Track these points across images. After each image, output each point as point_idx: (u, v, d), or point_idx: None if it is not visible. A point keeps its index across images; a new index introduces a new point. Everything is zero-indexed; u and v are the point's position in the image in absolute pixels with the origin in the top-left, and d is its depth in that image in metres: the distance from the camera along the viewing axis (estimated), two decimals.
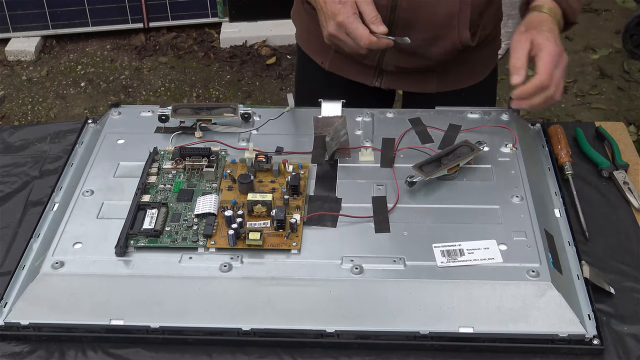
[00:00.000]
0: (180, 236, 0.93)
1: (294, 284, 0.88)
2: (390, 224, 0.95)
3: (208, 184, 1.01)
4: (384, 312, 0.86)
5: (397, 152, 1.07)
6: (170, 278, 0.89)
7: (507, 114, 1.14)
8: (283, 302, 0.87)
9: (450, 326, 0.85)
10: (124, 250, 0.91)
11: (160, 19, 3.28)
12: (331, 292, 0.87)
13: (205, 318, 0.87)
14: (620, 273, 0.97)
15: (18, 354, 0.88)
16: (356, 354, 0.87)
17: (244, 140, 1.10)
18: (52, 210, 1.02)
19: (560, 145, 1.13)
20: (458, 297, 0.87)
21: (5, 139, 1.25)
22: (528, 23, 1.07)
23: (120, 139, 1.11)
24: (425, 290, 0.87)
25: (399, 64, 1.25)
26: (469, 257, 0.90)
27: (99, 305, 0.87)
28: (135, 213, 0.95)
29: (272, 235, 0.93)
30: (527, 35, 1.04)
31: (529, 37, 1.04)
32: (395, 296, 0.87)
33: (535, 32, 1.04)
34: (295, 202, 0.98)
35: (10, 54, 3.20)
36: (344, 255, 0.91)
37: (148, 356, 0.87)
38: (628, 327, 0.90)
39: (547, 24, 1.06)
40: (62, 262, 0.90)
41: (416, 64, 1.25)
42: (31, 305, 0.88)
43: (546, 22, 1.07)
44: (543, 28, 1.05)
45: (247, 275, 0.89)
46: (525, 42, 1.03)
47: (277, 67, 3.12)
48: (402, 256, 0.90)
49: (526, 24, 1.07)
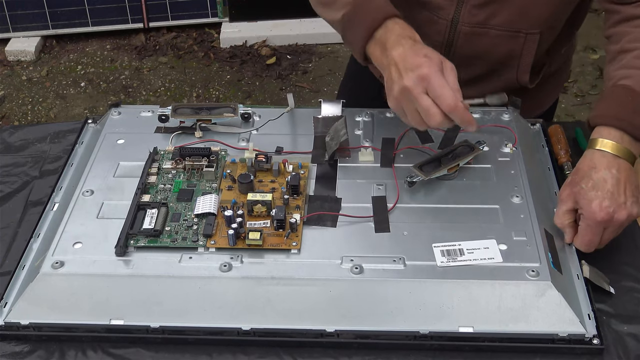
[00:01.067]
0: (180, 236, 0.93)
1: (293, 284, 0.88)
2: (390, 223, 0.95)
3: (208, 183, 1.01)
4: (383, 312, 0.86)
5: (397, 152, 1.07)
6: (170, 278, 0.89)
7: (508, 113, 1.14)
8: (283, 301, 0.87)
9: (450, 326, 0.85)
10: (123, 250, 0.91)
11: (160, 19, 3.29)
12: (331, 291, 0.87)
13: (205, 318, 0.87)
14: (620, 273, 0.96)
15: (18, 354, 0.88)
16: (356, 354, 0.87)
17: (244, 140, 1.10)
18: (52, 210, 1.02)
19: (560, 145, 1.13)
20: (458, 296, 0.87)
21: (5, 139, 1.25)
22: (576, 171, 0.94)
23: (120, 138, 1.11)
24: (425, 290, 0.87)
25: None
26: (469, 257, 0.90)
27: (99, 305, 0.87)
28: (135, 213, 0.95)
29: (272, 235, 0.93)
30: (569, 192, 0.93)
31: (570, 194, 0.93)
32: (395, 296, 0.87)
33: (578, 190, 0.92)
34: (295, 202, 0.98)
35: (10, 54, 3.20)
36: (343, 255, 0.91)
37: (148, 356, 0.87)
38: (628, 327, 0.90)
39: (596, 174, 0.91)
40: (62, 262, 0.90)
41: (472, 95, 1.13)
42: (31, 305, 0.88)
43: (595, 172, 0.91)
44: (589, 183, 0.91)
45: (247, 275, 0.89)
46: (567, 200, 0.93)
47: (277, 67, 3.12)
48: (402, 256, 0.90)
49: (575, 171, 0.94)
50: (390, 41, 0.96)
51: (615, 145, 0.93)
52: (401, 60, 0.92)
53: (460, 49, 1.15)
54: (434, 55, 0.92)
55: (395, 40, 0.96)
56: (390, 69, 0.94)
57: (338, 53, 3.17)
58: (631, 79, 0.96)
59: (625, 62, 1.00)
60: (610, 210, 0.90)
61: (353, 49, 1.04)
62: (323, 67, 3.12)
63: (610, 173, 0.91)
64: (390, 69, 0.93)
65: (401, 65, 0.92)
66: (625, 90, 0.96)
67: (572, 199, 0.93)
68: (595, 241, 0.92)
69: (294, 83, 3.04)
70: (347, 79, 1.48)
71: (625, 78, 0.97)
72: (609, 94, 0.98)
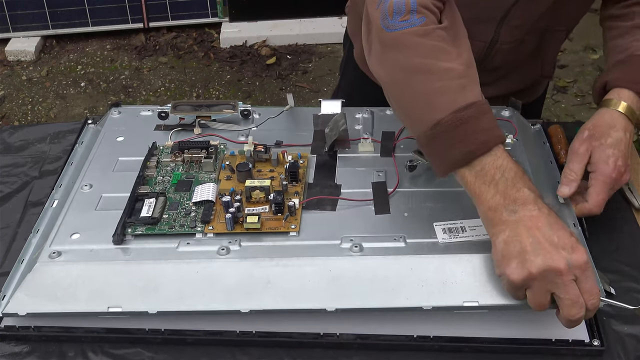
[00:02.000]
0: (178, 223, 0.93)
1: (292, 265, 0.87)
2: (390, 206, 0.95)
3: (207, 174, 1.01)
4: (385, 289, 0.85)
5: (397, 143, 1.07)
6: (168, 263, 0.88)
7: (508, 111, 1.14)
8: (282, 282, 0.86)
9: (455, 300, 0.84)
10: (121, 238, 0.90)
11: (160, 19, 3.28)
12: (331, 271, 0.86)
13: (203, 302, 0.85)
14: (620, 273, 0.96)
15: (18, 354, 0.88)
16: (356, 354, 0.87)
17: (243, 135, 1.10)
18: (52, 206, 1.01)
19: (560, 145, 1.13)
20: (461, 271, 0.85)
21: (5, 139, 1.25)
22: (594, 127, 0.94)
23: (119, 136, 1.11)
24: (427, 266, 0.86)
25: None
26: (471, 233, 0.89)
27: (96, 293, 0.86)
28: (134, 203, 0.95)
29: (271, 219, 0.92)
30: (587, 146, 0.93)
31: (589, 148, 0.93)
32: (397, 273, 0.86)
33: (597, 145, 0.93)
34: (294, 189, 0.97)
35: (10, 54, 3.20)
36: (343, 235, 0.90)
37: (148, 356, 0.87)
38: (628, 327, 0.90)
39: (615, 133, 0.93)
40: (60, 252, 0.89)
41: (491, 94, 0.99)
42: (29, 295, 0.87)
43: (614, 130, 0.93)
44: (608, 140, 0.92)
45: (245, 257, 0.88)
46: (585, 155, 0.93)
47: (277, 67, 3.12)
48: (402, 234, 0.90)
49: (592, 127, 0.94)
50: (511, 188, 0.80)
51: (629, 108, 0.95)
52: (547, 231, 0.78)
53: (493, 62, 1.14)
54: (577, 243, 0.79)
55: (519, 190, 0.80)
56: (519, 229, 0.78)
57: (338, 53, 3.17)
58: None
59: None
60: (622, 170, 0.93)
61: (434, 162, 0.87)
62: (323, 67, 3.12)
63: (624, 134, 0.94)
64: (520, 231, 0.78)
65: (547, 237, 0.77)
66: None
67: (587, 153, 0.93)
68: (605, 201, 0.93)
69: (294, 83, 3.04)
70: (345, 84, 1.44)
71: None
72: (628, 61, 1.00)
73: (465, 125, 0.81)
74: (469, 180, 0.82)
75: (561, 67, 3.03)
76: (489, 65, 1.15)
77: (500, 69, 1.18)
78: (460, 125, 0.81)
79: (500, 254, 0.79)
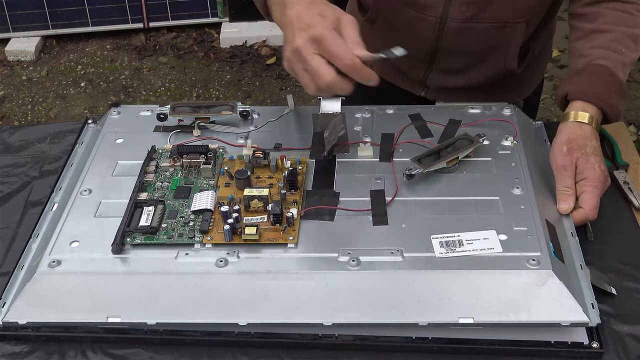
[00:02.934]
0: (177, 233, 0.93)
1: (290, 278, 0.87)
2: (388, 216, 0.95)
3: (205, 181, 1.01)
4: (382, 304, 0.85)
5: (396, 147, 1.07)
6: (167, 274, 0.88)
7: (509, 109, 1.14)
8: (280, 296, 0.86)
9: (450, 317, 0.84)
10: (120, 247, 0.91)
11: (160, 19, 3.29)
12: (328, 285, 0.87)
13: (202, 314, 0.86)
14: (620, 273, 0.96)
15: (18, 354, 0.88)
16: (355, 355, 0.87)
17: (242, 137, 1.10)
18: (52, 210, 1.01)
19: None
20: (457, 287, 0.85)
21: (5, 139, 1.25)
22: (570, 141, 0.99)
23: (119, 138, 1.11)
24: (424, 281, 0.86)
25: (442, 83, 1.27)
26: (468, 248, 0.89)
27: (95, 303, 0.87)
28: (132, 211, 0.95)
29: (269, 230, 0.92)
30: (571, 159, 0.98)
31: (572, 161, 0.98)
32: (393, 288, 0.86)
33: (579, 156, 0.98)
34: (293, 197, 0.97)
35: (10, 54, 3.21)
36: (341, 248, 0.90)
37: (148, 356, 0.87)
38: (628, 327, 0.89)
39: (590, 142, 0.99)
40: (59, 260, 0.90)
41: (461, 83, 1.25)
42: (28, 304, 0.87)
43: (589, 140, 1.00)
44: (587, 149, 0.99)
45: (243, 270, 0.88)
46: (571, 168, 0.98)
47: (277, 67, 3.12)
48: (399, 248, 0.90)
49: (568, 141, 0.99)
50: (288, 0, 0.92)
51: (591, 118, 1.02)
52: (296, 20, 0.89)
53: (449, 43, 1.17)
54: (329, 12, 0.89)
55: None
56: (286, 29, 0.91)
57: None
58: (609, 60, 1.04)
59: (601, 43, 1.06)
60: (606, 174, 0.99)
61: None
62: None
63: (596, 142, 1.01)
64: (287, 29, 0.91)
65: (295, 25, 0.89)
66: (606, 70, 1.04)
67: (573, 167, 0.98)
68: (598, 204, 0.97)
69: (294, 83, 3.04)
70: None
71: (603, 58, 1.04)
72: (589, 72, 1.05)
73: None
74: (275, 14, 0.99)
75: (561, 67, 3.03)
76: (444, 44, 1.17)
77: (461, 55, 1.20)
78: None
79: (283, 48, 0.92)
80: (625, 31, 1.07)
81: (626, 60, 1.06)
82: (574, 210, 0.98)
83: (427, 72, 1.26)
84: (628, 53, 1.05)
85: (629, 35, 1.07)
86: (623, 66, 1.05)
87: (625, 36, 1.07)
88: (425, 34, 1.16)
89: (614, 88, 1.03)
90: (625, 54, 1.05)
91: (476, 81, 1.25)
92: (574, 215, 0.97)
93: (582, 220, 0.97)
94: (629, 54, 1.06)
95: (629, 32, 1.07)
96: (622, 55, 1.05)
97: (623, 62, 1.05)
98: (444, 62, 1.21)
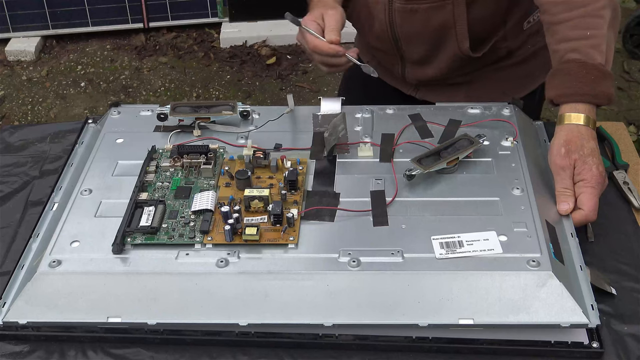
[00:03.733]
0: (177, 233, 0.93)
1: (290, 278, 0.87)
2: (388, 217, 0.95)
3: (206, 181, 1.01)
4: (382, 305, 0.85)
5: (397, 147, 1.07)
6: (167, 275, 0.88)
7: (508, 109, 1.14)
8: (280, 296, 0.86)
9: (450, 318, 0.84)
10: (120, 247, 0.91)
11: (160, 19, 3.29)
12: (328, 285, 0.87)
13: (202, 314, 0.86)
14: (620, 273, 0.96)
15: (18, 353, 0.88)
16: (356, 354, 0.87)
17: (242, 137, 1.10)
18: (52, 210, 1.01)
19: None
20: (457, 288, 0.86)
21: (5, 139, 1.25)
22: (568, 142, 0.99)
23: (119, 138, 1.11)
24: (424, 282, 0.86)
25: (417, 76, 1.29)
26: (468, 249, 0.89)
27: (96, 303, 0.87)
28: (133, 211, 0.95)
29: (269, 230, 0.93)
30: (569, 160, 0.99)
31: (570, 162, 0.99)
32: (393, 289, 0.86)
33: (577, 157, 0.99)
34: (293, 198, 0.97)
35: (10, 54, 3.20)
36: (341, 248, 0.90)
37: (148, 356, 0.87)
38: (628, 327, 0.90)
39: (587, 144, 0.99)
40: (60, 260, 0.90)
41: (432, 74, 1.27)
42: (29, 304, 0.87)
43: (586, 141, 0.99)
44: (585, 151, 0.99)
45: (243, 270, 0.88)
46: (570, 169, 0.99)
47: (277, 67, 3.12)
48: (400, 248, 0.90)
49: (565, 143, 1.00)
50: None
51: (586, 118, 1.01)
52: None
53: (401, 27, 1.20)
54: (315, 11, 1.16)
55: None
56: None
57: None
58: (578, 51, 1.02)
59: (563, 36, 1.04)
60: (604, 175, 0.99)
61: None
62: None
63: (594, 143, 1.00)
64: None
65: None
66: (578, 65, 1.02)
67: (571, 168, 0.98)
68: (597, 205, 0.97)
69: (294, 83, 3.04)
70: (346, 79, 1.49)
71: (573, 51, 1.02)
72: (564, 72, 1.03)
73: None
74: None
75: None
76: (399, 29, 1.20)
77: (417, 41, 1.22)
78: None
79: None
80: (580, 12, 1.02)
81: (597, 40, 1.02)
82: (574, 211, 0.98)
83: (403, 66, 1.28)
84: (595, 32, 1.02)
85: (586, 15, 1.02)
86: (595, 48, 1.01)
87: (583, 17, 1.02)
88: (382, 17, 1.20)
89: (593, 77, 1.01)
90: (593, 35, 1.02)
91: (446, 70, 1.24)
92: (574, 216, 0.97)
93: (582, 221, 0.97)
94: (596, 32, 1.02)
95: (584, 11, 1.02)
96: (589, 38, 1.02)
97: (593, 45, 1.01)
98: (408, 52, 1.25)
